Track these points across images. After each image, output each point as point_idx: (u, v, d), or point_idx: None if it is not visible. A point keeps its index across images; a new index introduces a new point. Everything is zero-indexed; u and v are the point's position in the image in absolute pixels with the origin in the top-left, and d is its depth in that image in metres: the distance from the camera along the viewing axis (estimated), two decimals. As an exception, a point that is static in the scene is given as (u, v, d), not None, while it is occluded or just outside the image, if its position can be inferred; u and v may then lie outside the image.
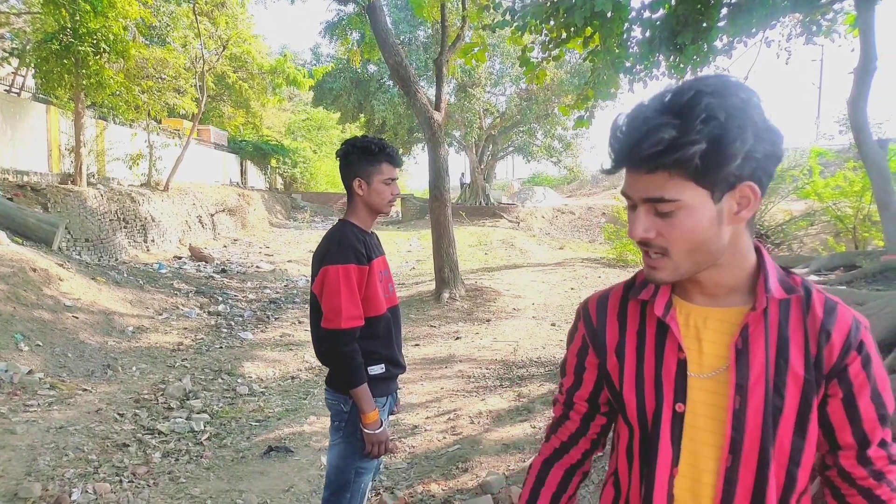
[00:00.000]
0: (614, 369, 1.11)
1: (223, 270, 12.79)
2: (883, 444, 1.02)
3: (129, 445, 4.35)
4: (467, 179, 30.10)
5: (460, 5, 11.03)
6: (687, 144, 0.88)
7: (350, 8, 12.79)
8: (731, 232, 0.97)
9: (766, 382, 0.99)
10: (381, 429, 2.32)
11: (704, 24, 5.62)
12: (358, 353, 2.28)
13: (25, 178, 11.09)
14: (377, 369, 2.37)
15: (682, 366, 1.03)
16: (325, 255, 2.29)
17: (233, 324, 8.53)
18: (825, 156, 9.79)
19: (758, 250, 1.05)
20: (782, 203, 9.75)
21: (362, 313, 2.29)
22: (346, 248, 2.28)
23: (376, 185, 2.36)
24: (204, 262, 13.36)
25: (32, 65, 11.56)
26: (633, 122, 0.93)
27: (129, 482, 3.83)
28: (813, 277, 5.80)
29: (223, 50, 17.40)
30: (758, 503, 1.00)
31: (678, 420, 1.03)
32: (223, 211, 19.46)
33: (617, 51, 6.13)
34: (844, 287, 4.90)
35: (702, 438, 1.03)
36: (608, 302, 1.15)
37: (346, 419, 2.34)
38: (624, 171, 0.98)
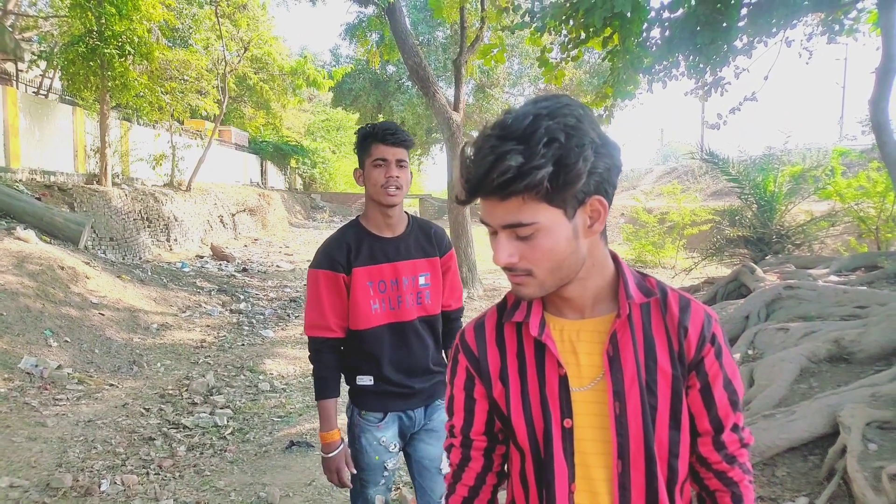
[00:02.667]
0: (501, 396, 1.11)
1: (244, 269, 12.96)
2: (735, 428, 1.09)
3: (155, 439, 4.46)
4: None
5: (479, 6, 11.06)
6: (534, 169, 0.89)
7: (370, 10, 12.89)
8: (587, 245, 1.00)
9: (640, 384, 1.03)
10: (334, 454, 2.07)
11: (724, 24, 5.60)
12: (323, 365, 2.11)
13: (53, 178, 11.33)
14: (365, 380, 2.13)
15: (563, 381, 1.05)
16: None
17: (254, 322, 8.65)
18: (848, 156, 9.66)
19: (615, 259, 1.09)
20: (803, 204, 9.62)
21: (330, 323, 2.08)
22: (323, 252, 2.11)
23: (367, 171, 2.08)
24: (225, 261, 13.54)
25: (59, 67, 11.81)
26: (480, 152, 0.92)
27: (155, 474, 3.93)
28: (833, 278, 5.76)
29: (244, 52, 17.60)
30: (652, 501, 1.03)
31: (568, 436, 1.05)
32: (244, 211, 19.69)
33: (636, 51, 6.13)
34: (866, 287, 4.87)
35: (590, 449, 1.05)
36: (485, 329, 1.15)
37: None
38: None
